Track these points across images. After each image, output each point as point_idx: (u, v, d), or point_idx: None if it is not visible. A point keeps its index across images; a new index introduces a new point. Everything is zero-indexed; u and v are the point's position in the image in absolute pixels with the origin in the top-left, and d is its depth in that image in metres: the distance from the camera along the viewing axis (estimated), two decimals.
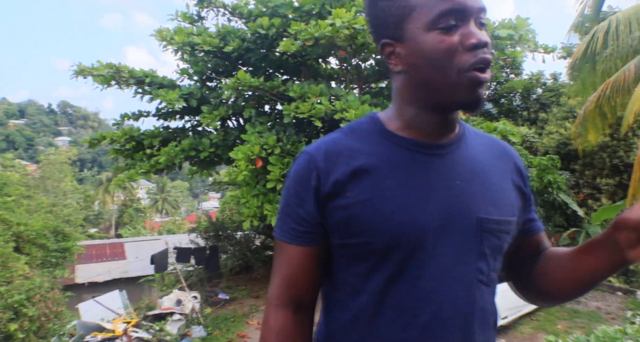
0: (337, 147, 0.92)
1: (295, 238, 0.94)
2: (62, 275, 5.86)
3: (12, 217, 5.22)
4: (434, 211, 0.87)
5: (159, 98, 7.87)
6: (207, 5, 8.57)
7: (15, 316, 4.06)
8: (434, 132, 0.91)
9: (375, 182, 0.88)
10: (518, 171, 1.01)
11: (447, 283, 0.87)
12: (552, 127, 13.71)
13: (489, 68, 0.83)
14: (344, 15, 6.16)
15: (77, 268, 14.29)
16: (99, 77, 8.22)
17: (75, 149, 42.95)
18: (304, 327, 0.98)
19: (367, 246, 0.88)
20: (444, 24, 0.81)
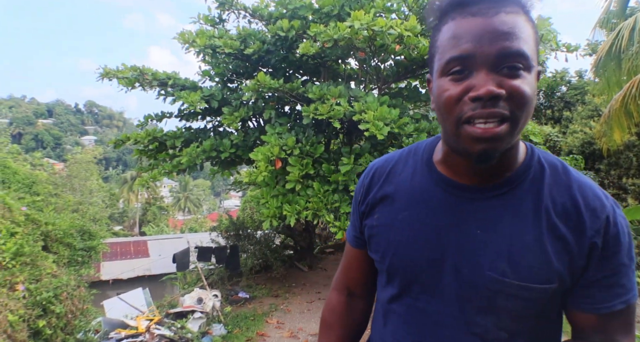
0: (385, 167, 1.03)
1: (350, 239, 1.14)
2: (87, 273, 6.03)
3: (41, 217, 5.40)
4: (435, 253, 0.89)
5: (181, 100, 8.02)
6: (228, 7, 8.68)
7: (43, 313, 4.22)
8: (469, 174, 0.89)
9: (394, 210, 0.96)
10: (578, 228, 0.84)
11: (434, 321, 0.91)
12: (576, 126, 13.45)
13: (499, 122, 0.76)
14: (363, 17, 6.17)
15: (103, 265, 14.66)
16: (124, 79, 8.41)
17: (100, 148, 43.97)
18: (352, 309, 1.20)
19: (379, 263, 1.02)
20: (453, 71, 0.79)
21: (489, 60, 0.75)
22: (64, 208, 10.51)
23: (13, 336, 3.83)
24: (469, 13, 0.77)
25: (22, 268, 4.34)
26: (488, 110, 0.75)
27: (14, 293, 4.09)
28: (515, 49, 0.75)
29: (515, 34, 0.75)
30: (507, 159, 0.87)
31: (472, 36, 0.76)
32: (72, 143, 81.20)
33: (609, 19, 10.72)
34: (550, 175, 0.89)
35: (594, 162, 12.55)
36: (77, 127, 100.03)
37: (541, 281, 0.83)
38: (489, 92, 0.74)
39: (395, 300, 0.97)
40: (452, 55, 0.78)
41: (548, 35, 5.98)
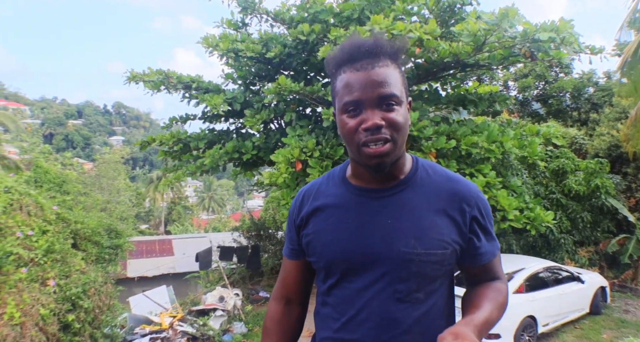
0: (311, 190, 1.33)
1: (287, 253, 1.40)
2: (114, 270, 6.23)
3: (71, 216, 5.61)
4: (361, 243, 1.17)
5: (204, 102, 8.20)
6: (251, 12, 8.83)
7: (72, 308, 4.40)
8: (372, 181, 1.21)
9: (324, 218, 1.24)
10: (460, 208, 1.18)
11: (365, 295, 1.17)
12: (603, 128, 13.15)
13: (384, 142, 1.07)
14: (382, 21, 6.22)
15: (129, 263, 15.00)
16: (149, 82, 8.65)
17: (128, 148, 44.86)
18: (291, 316, 1.42)
19: (317, 263, 1.27)
20: (349, 110, 1.10)
21: (371, 102, 1.08)
22: (93, 207, 10.82)
23: (44, 328, 4.03)
24: (354, 68, 1.10)
25: (53, 264, 4.54)
26: (375, 136, 1.07)
27: (45, 288, 4.29)
28: (388, 93, 1.08)
29: (386, 82, 1.08)
30: (398, 167, 1.19)
31: (359, 86, 1.08)
32: (100, 143, 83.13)
33: (637, 19, 10.47)
34: (432, 173, 1.24)
35: (621, 165, 12.25)
36: (105, 127, 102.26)
37: (440, 248, 1.15)
38: (374, 124, 1.06)
39: (334, 287, 1.23)
40: (347, 100, 1.10)
41: (570, 38, 5.91)
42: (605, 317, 8.10)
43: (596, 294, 8.10)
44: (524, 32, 6.02)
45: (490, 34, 6.16)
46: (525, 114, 16.74)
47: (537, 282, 7.07)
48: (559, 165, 10.61)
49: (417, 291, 1.16)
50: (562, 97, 16.21)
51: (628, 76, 9.48)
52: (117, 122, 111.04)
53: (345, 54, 1.12)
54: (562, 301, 7.29)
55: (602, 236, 10.66)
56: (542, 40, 5.74)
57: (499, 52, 6.79)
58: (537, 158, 7.54)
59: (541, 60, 6.60)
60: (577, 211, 10.34)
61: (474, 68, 7.91)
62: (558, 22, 5.99)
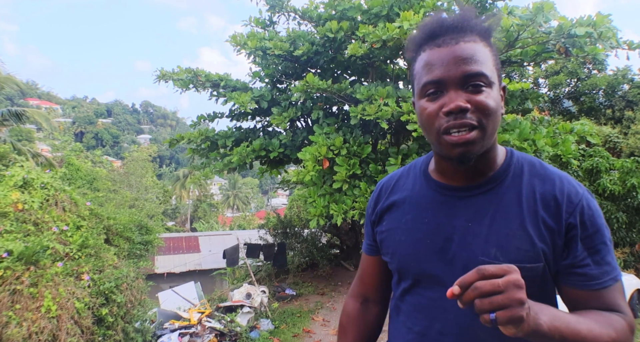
0: (389, 183, 1.22)
1: (365, 248, 1.30)
2: (145, 266, 6.34)
3: (103, 212, 5.73)
4: (435, 246, 1.04)
5: (232, 100, 8.27)
6: (279, 10, 8.86)
7: (106, 302, 4.49)
8: (455, 176, 1.06)
9: (399, 215, 1.13)
10: (556, 213, 0.97)
11: (442, 305, 1.04)
12: (639, 126, 12.73)
13: (469, 129, 0.91)
14: (412, 18, 6.15)
15: (157, 259, 15.25)
16: (179, 81, 8.77)
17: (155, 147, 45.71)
18: (366, 314, 1.33)
19: (390, 264, 1.17)
20: (428, 92, 0.96)
21: (455, 81, 0.92)
22: (122, 203, 11.07)
23: (79, 322, 4.12)
24: (435, 44, 0.96)
25: (87, 259, 4.64)
26: (459, 121, 0.91)
27: (80, 282, 4.39)
28: (475, 71, 0.92)
29: (473, 59, 0.92)
30: (487, 161, 1.02)
31: (440, 63, 0.93)
32: (129, 141, 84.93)
33: None
34: (528, 170, 1.04)
35: None
36: (133, 126, 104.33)
37: (529, 260, 0.96)
38: (457, 106, 0.90)
39: (407, 293, 1.12)
40: (427, 80, 0.95)
41: (607, 33, 5.72)
42: None
43: (632, 297, 7.84)
44: (559, 27, 5.87)
45: (524, 30, 6.02)
46: (556, 112, 16.35)
47: None
48: (593, 164, 10.31)
49: None
50: (595, 95, 15.78)
51: None
52: (145, 121, 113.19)
53: (427, 31, 0.98)
54: None
55: (638, 237, 10.32)
56: (579, 35, 5.58)
57: (531, 48, 6.63)
58: (570, 156, 7.33)
59: (575, 56, 6.42)
60: (611, 211, 10.03)
61: (505, 64, 7.75)
62: (595, 16, 5.81)
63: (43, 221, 4.61)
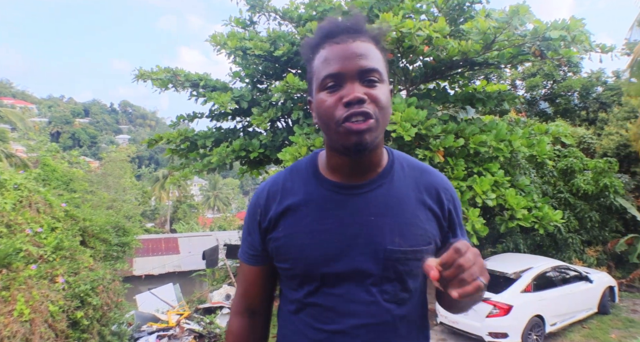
0: (275, 187, 1.17)
1: (248, 259, 1.23)
2: (121, 268, 6.25)
3: (79, 213, 5.63)
4: (343, 244, 1.07)
5: (212, 100, 8.22)
6: (259, 10, 8.84)
7: (81, 304, 4.41)
8: (350, 173, 1.10)
9: (297, 219, 1.11)
10: (439, 200, 1.15)
11: (351, 300, 1.08)
12: (612, 127, 13.05)
13: (366, 118, 0.97)
14: (392, 19, 6.19)
15: (135, 261, 15.05)
16: (158, 80, 8.67)
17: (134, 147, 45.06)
18: (256, 329, 1.28)
19: (291, 270, 1.13)
20: (328, 85, 1.00)
21: (353, 74, 0.98)
22: (99, 205, 10.87)
23: (53, 325, 4.04)
24: (334, 42, 1.01)
25: (62, 261, 4.55)
26: (357, 110, 0.96)
27: (54, 285, 4.30)
28: (371, 66, 0.99)
29: (369, 56, 0.99)
30: (376, 156, 1.10)
31: (339, 58, 0.99)
32: (107, 142, 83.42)
33: None
34: (407, 165, 1.17)
35: (629, 165, 12.15)
36: (112, 126, 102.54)
37: (425, 243, 1.09)
38: (356, 97, 0.96)
39: (313, 294, 1.11)
40: (326, 73, 0.99)
41: (581, 36, 5.86)
42: (613, 317, 8.05)
43: (604, 294, 8.04)
44: (534, 30, 5.98)
45: (500, 32, 6.12)
46: (532, 113, 16.65)
47: (545, 281, 7.03)
48: (567, 164, 10.54)
49: (402, 290, 1.10)
50: (570, 97, 16.11)
51: (637, 75, 9.40)
52: (124, 121, 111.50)
53: (324, 31, 1.04)
54: (569, 301, 7.25)
55: (610, 235, 10.59)
56: (553, 38, 5.70)
57: (508, 50, 6.75)
58: (545, 157, 7.49)
59: (551, 59, 6.56)
60: (585, 210, 10.27)
61: (483, 66, 7.87)
62: (569, 20, 5.95)
63: (16, 222, 4.50)
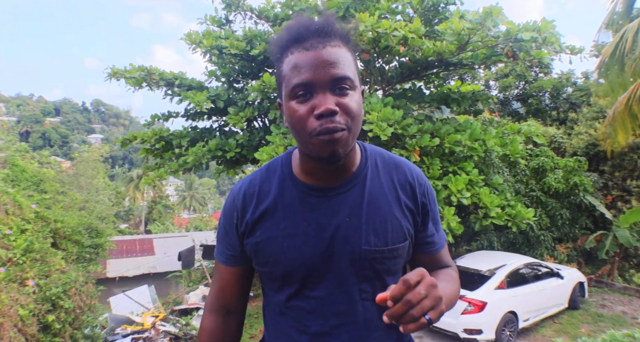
0: (252, 189, 1.16)
1: (224, 260, 1.22)
2: (95, 270, 6.12)
3: (50, 215, 5.48)
4: (320, 246, 1.08)
5: (187, 99, 8.12)
6: (235, 9, 8.77)
7: (52, 308, 4.30)
8: (324, 176, 1.10)
9: (274, 223, 1.11)
10: (413, 195, 1.15)
11: (331, 301, 1.10)
12: (581, 127, 13.42)
13: (337, 130, 0.95)
14: (368, 19, 6.24)
15: (109, 263, 14.76)
16: (131, 79, 8.52)
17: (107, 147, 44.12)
18: (230, 328, 1.27)
19: (271, 273, 1.14)
20: (298, 94, 0.98)
21: (324, 84, 0.96)
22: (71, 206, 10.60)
23: (23, 330, 3.93)
24: (303, 47, 0.98)
25: (32, 264, 4.43)
26: (329, 126, 0.95)
27: (24, 288, 4.18)
28: (342, 75, 0.96)
29: (340, 63, 0.96)
30: (349, 159, 1.10)
31: (309, 66, 0.96)
32: (79, 141, 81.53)
33: (616, 20, 10.71)
34: (381, 161, 1.17)
35: (598, 163, 12.53)
36: (84, 125, 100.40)
37: (400, 241, 1.11)
38: (328, 109, 0.94)
39: (293, 297, 1.12)
40: (296, 82, 0.97)
41: (551, 38, 6.02)
42: (583, 311, 8.28)
43: (574, 290, 8.27)
44: (506, 32, 6.11)
45: (474, 33, 6.23)
46: (505, 113, 17.00)
47: (518, 278, 7.18)
48: (539, 163, 10.79)
49: (382, 287, 1.08)
50: (541, 97, 16.52)
51: (605, 77, 9.69)
52: (96, 120, 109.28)
53: (293, 34, 1.00)
54: (542, 297, 7.43)
55: (580, 232, 10.89)
56: (525, 39, 5.83)
57: (481, 51, 6.87)
58: (518, 156, 7.66)
59: (522, 60, 6.71)
60: (556, 208, 10.53)
61: (457, 67, 7.99)
62: (540, 22, 6.09)
63: None
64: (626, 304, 8.85)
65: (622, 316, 8.13)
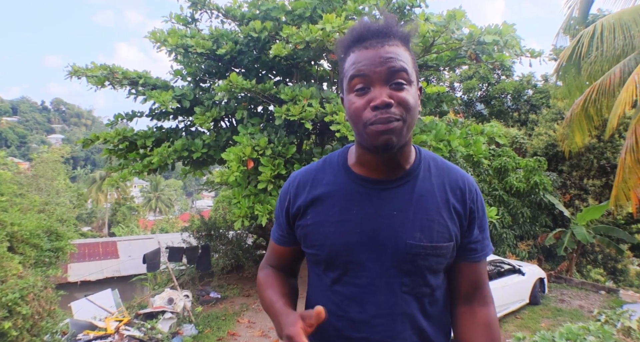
0: (307, 177, 1.24)
1: (276, 239, 1.33)
2: (55, 274, 5.92)
3: (6, 218, 5.28)
4: (366, 235, 1.12)
5: (152, 99, 7.94)
6: (201, 7, 8.64)
7: (9, 315, 4.14)
8: (378, 169, 1.15)
9: (325, 209, 1.17)
10: (463, 200, 1.18)
11: (371, 291, 1.14)
12: (541, 128, 13.88)
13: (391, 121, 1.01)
14: (334, 20, 6.27)
15: (70, 267, 14.31)
16: (93, 78, 8.28)
17: (68, 147, 42.68)
18: (284, 276, 1.35)
19: (316, 256, 1.20)
20: (357, 88, 1.04)
21: (381, 77, 1.02)
22: (30, 208, 10.23)
23: None
24: (363, 47, 1.05)
25: None
26: (385, 116, 1.00)
27: None
28: (398, 66, 1.02)
29: (397, 58, 1.03)
30: (404, 154, 1.14)
31: (368, 62, 1.03)
32: (38, 142, 78.59)
33: (573, 25, 11.11)
34: (434, 165, 1.21)
35: (557, 163, 12.98)
36: (43, 125, 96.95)
37: (445, 240, 1.13)
38: (383, 102, 1.00)
39: (337, 282, 1.17)
40: (353, 73, 1.04)
41: (512, 41, 6.21)
42: (543, 306, 8.56)
43: (535, 285, 8.54)
44: (469, 35, 6.25)
45: (439, 36, 6.35)
46: (469, 114, 17.42)
47: None
48: (501, 163, 11.10)
49: (423, 284, 1.14)
50: (503, 99, 17.00)
51: (563, 79, 10.02)
52: (56, 120, 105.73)
53: (355, 35, 1.08)
54: (504, 293, 7.64)
55: (540, 230, 11.26)
56: (487, 42, 5.99)
57: (446, 53, 7.02)
58: (481, 156, 7.84)
59: (485, 62, 6.89)
60: (517, 206, 10.85)
61: (423, 69, 8.12)
62: (501, 25, 6.27)
63: None
64: (583, 299, 9.21)
65: (579, 310, 8.46)
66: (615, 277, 13.44)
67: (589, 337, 2.20)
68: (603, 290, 9.89)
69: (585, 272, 13.14)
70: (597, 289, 9.99)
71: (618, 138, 11.82)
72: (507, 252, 10.31)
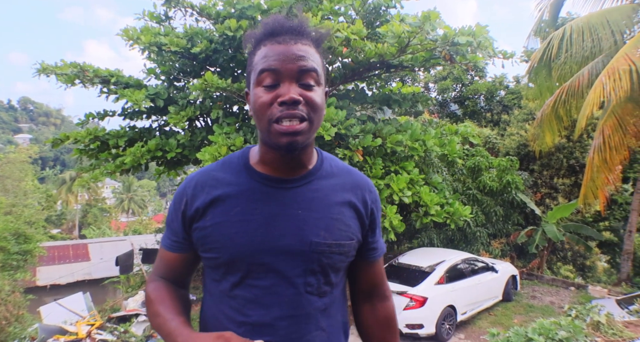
0: (206, 177, 1.17)
1: (168, 245, 1.22)
2: (23, 278, 5.74)
3: None
4: (270, 235, 1.09)
5: (124, 98, 7.78)
6: (175, 5, 8.50)
7: None
8: (281, 168, 1.13)
9: (226, 209, 1.11)
10: (364, 200, 1.21)
11: (275, 292, 1.10)
12: (513, 128, 14.18)
13: (298, 120, 1.00)
14: (311, 20, 6.25)
15: (39, 270, 13.93)
16: (63, 76, 8.06)
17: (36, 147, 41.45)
18: (176, 288, 1.24)
19: (216, 259, 1.12)
20: (265, 82, 1.02)
21: (291, 74, 1.01)
22: None
23: None
24: (276, 41, 1.03)
25: None
26: (291, 112, 0.99)
27: None
28: (310, 66, 1.02)
29: (309, 57, 1.02)
30: (307, 154, 1.14)
31: (278, 56, 1.01)
32: (4, 142, 76.11)
33: (543, 28, 11.41)
34: (335, 165, 1.22)
35: (529, 163, 13.29)
36: (9, 124, 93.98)
37: (348, 239, 1.14)
38: (292, 98, 0.98)
39: (237, 286, 1.12)
40: (263, 67, 1.02)
41: (485, 42, 6.31)
42: (516, 303, 8.75)
43: (508, 283, 8.72)
44: (444, 36, 6.34)
45: (414, 36, 6.41)
46: (444, 114, 17.68)
47: (456, 273, 7.48)
48: (475, 163, 11.29)
49: (325, 283, 1.14)
50: (477, 99, 17.32)
51: (534, 81, 10.29)
52: (24, 119, 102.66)
53: (268, 29, 1.06)
54: (478, 290, 7.78)
55: (513, 228, 11.50)
56: (461, 43, 6.08)
57: (421, 54, 7.09)
58: (455, 156, 7.96)
59: (459, 63, 6.99)
60: (490, 205, 11.06)
61: (398, 69, 8.19)
62: (475, 27, 6.37)
63: None
64: (554, 295, 9.46)
65: (550, 306, 8.68)
66: (584, 273, 13.83)
67: (560, 332, 2.26)
68: (573, 286, 10.17)
69: (555, 269, 13.49)
70: (567, 285, 10.27)
71: (586, 138, 12.18)
72: (481, 250, 10.49)
